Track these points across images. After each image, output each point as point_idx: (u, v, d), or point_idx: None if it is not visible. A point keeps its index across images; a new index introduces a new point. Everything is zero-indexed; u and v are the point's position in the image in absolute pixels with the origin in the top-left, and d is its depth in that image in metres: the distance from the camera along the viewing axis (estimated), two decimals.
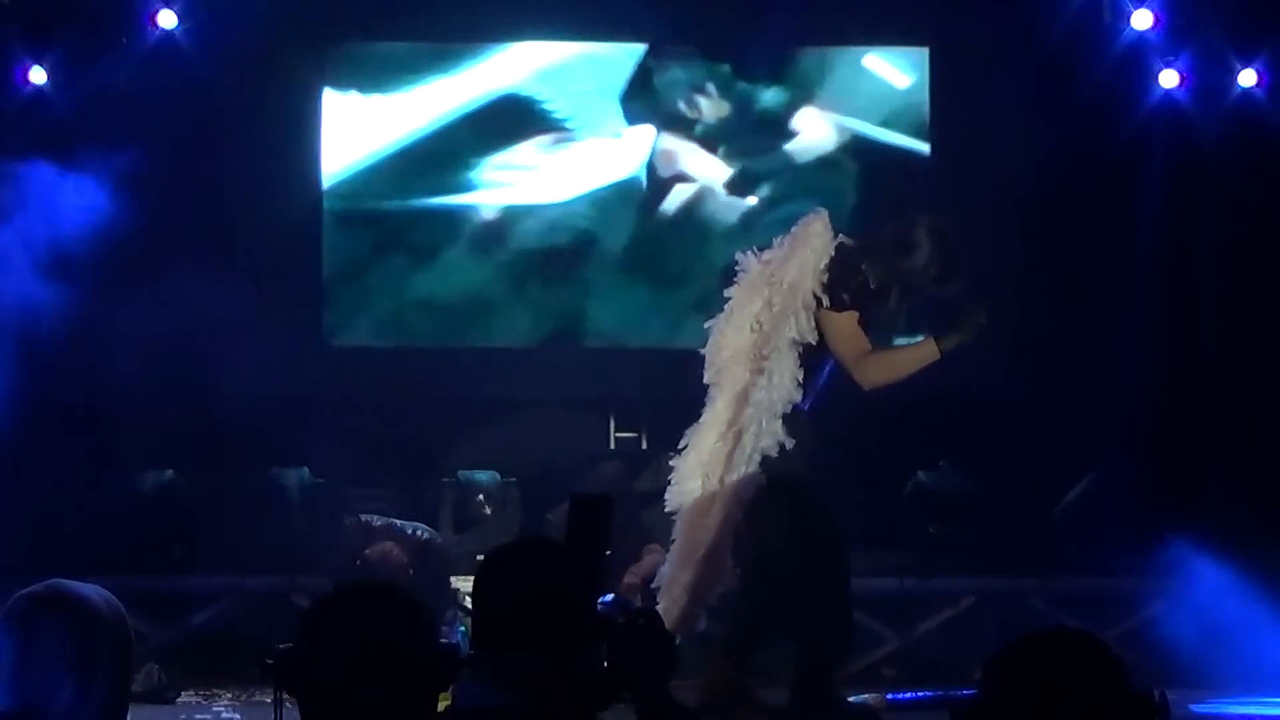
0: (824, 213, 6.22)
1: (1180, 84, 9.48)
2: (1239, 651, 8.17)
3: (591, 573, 2.96)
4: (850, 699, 7.16)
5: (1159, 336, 9.54)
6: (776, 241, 6.21)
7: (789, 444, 6.00)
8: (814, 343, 6.04)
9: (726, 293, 6.22)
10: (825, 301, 6.02)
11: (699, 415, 6.28)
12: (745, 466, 5.99)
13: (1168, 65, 9.45)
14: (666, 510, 6.22)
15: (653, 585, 6.29)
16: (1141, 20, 9.40)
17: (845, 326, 6.05)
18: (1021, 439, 9.07)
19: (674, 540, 6.20)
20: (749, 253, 6.24)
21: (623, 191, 9.91)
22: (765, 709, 6.36)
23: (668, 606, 6.05)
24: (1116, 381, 9.32)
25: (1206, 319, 9.61)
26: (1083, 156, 9.47)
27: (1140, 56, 9.48)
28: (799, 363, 6.01)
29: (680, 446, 6.19)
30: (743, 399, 6.04)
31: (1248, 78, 9.42)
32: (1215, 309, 9.57)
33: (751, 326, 6.07)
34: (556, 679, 2.80)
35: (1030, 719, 2.45)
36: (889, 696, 7.75)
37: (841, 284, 6.04)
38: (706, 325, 6.24)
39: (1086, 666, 2.47)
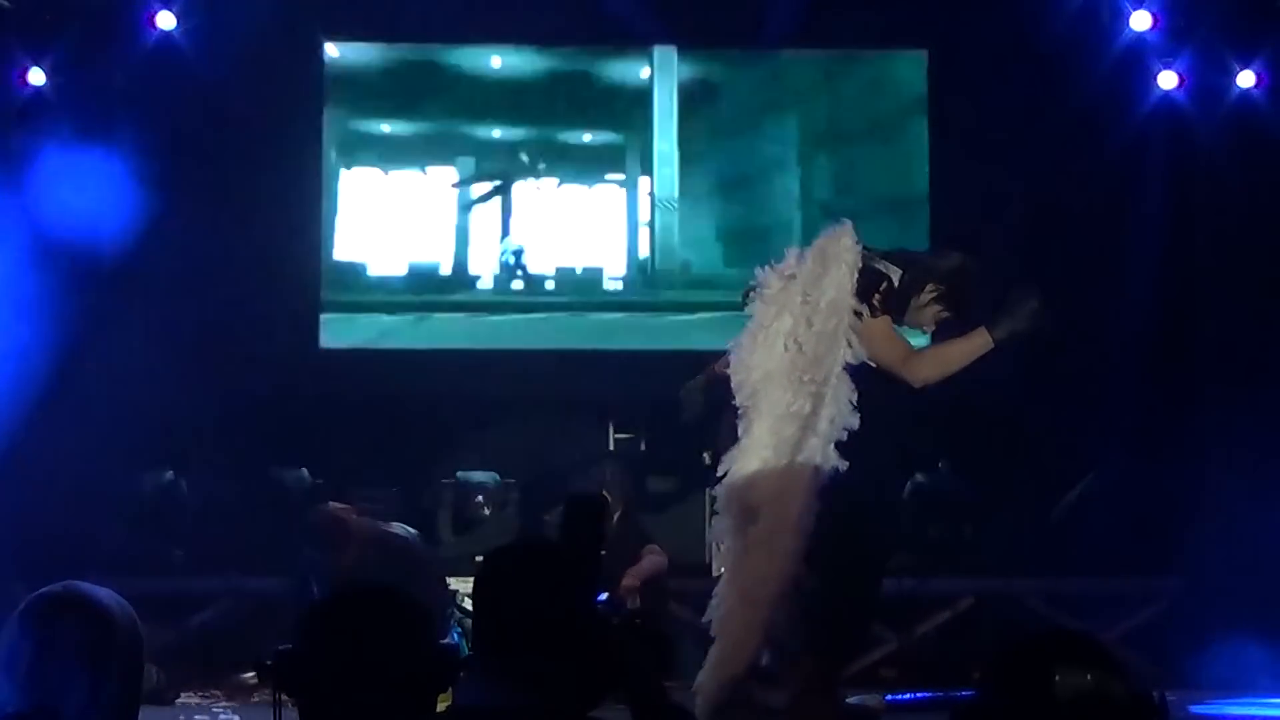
0: (849, 224, 5.99)
1: (1179, 85, 9.48)
2: (1238, 652, 8.18)
3: (586, 573, 2.96)
4: (850, 700, 7.15)
5: (1158, 337, 9.54)
6: (792, 254, 5.99)
7: (842, 467, 5.80)
8: (869, 363, 5.85)
9: (748, 310, 5.98)
10: (862, 313, 5.86)
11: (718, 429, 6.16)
12: (808, 496, 5.73)
13: (1166, 66, 9.45)
14: (711, 539, 6.00)
15: (705, 619, 5.98)
16: (1140, 21, 9.41)
17: (881, 330, 5.89)
18: (1020, 441, 9.07)
19: (724, 571, 5.93)
20: (767, 268, 5.97)
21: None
22: (765, 709, 6.35)
23: (735, 643, 5.82)
24: (1115, 383, 9.33)
25: (1205, 320, 9.61)
26: (1082, 157, 9.47)
27: (1139, 57, 9.48)
28: (851, 385, 5.83)
29: (720, 474, 5.91)
30: (790, 424, 5.79)
31: (1246, 79, 9.42)
32: (1214, 310, 9.57)
33: (786, 345, 5.83)
34: (556, 679, 2.80)
35: None
36: (888, 697, 7.75)
37: (870, 291, 5.88)
38: (729, 344, 5.98)
39: (1085, 667, 2.47)
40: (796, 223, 9.90)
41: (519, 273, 9.94)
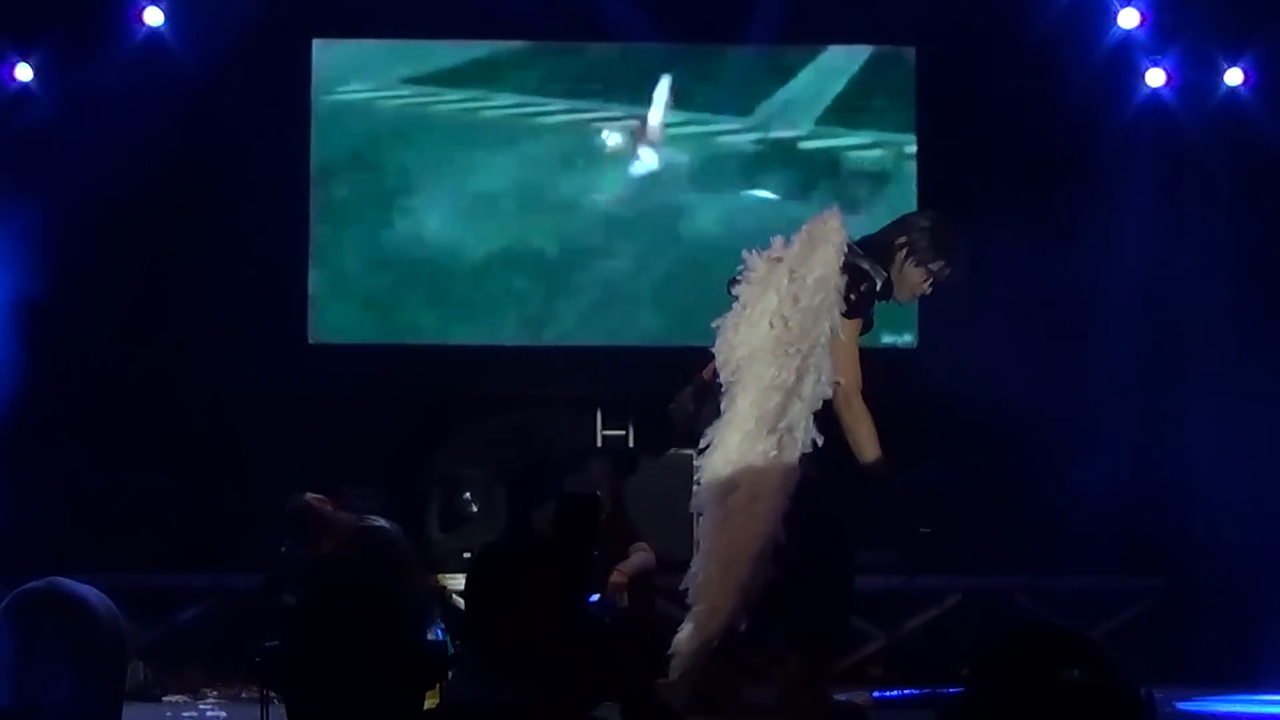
0: (837, 209, 6.18)
1: (1167, 83, 9.49)
2: (1224, 649, 8.20)
3: (579, 571, 2.96)
4: (838, 697, 7.16)
5: (1146, 335, 9.55)
6: (778, 240, 6.12)
7: (819, 440, 5.93)
8: (854, 315, 6.00)
9: (734, 290, 6.10)
10: (841, 305, 5.98)
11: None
12: (789, 463, 5.88)
13: (1154, 64, 9.46)
14: (692, 509, 6.06)
15: (682, 588, 6.05)
16: (1128, 19, 9.42)
17: (850, 335, 6.01)
18: (1009, 436, 9.07)
19: (702, 541, 6.02)
20: (754, 251, 6.11)
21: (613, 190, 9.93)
22: (754, 708, 6.36)
23: (711, 608, 5.90)
24: (1104, 378, 9.34)
25: (1194, 316, 9.62)
26: (1070, 155, 9.48)
27: (1127, 55, 9.49)
28: (831, 357, 5.96)
29: (702, 447, 6.02)
30: (774, 395, 5.90)
31: (1234, 76, 9.43)
32: (1202, 307, 9.58)
33: (772, 323, 5.95)
34: (545, 676, 2.80)
35: (1017, 717, 2.45)
36: (876, 694, 7.76)
37: (853, 287, 6.00)
38: (715, 324, 6.11)
39: (1072, 664, 2.47)
40: None
41: None
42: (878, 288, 6.06)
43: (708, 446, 5.99)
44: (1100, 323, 9.48)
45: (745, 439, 5.90)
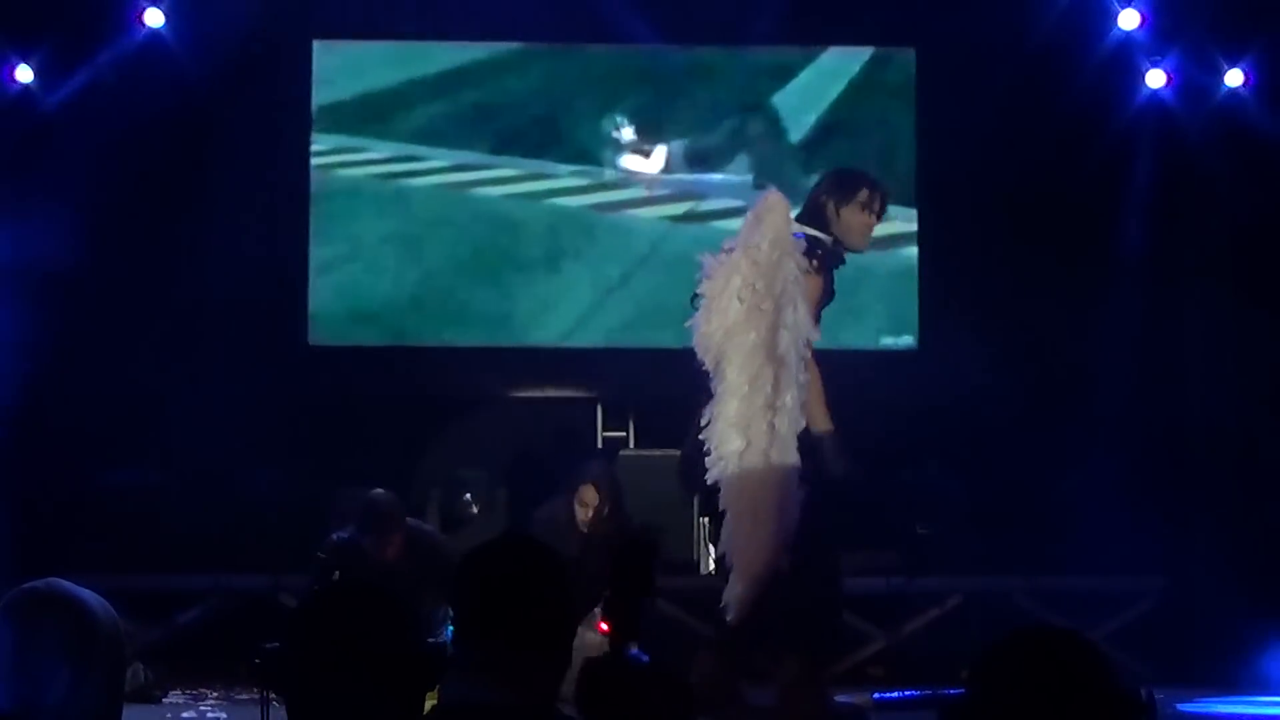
0: (774, 188, 6.46)
1: (1167, 84, 9.48)
2: (1225, 651, 8.20)
3: (633, 622, 2.95)
4: (839, 699, 7.17)
5: (1146, 336, 9.55)
6: (727, 241, 6.40)
7: (803, 379, 6.12)
8: (815, 275, 6.23)
9: (698, 290, 6.31)
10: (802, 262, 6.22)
11: (689, 411, 6.31)
12: (791, 413, 6.08)
13: (1154, 65, 9.45)
14: (708, 481, 6.19)
15: (720, 554, 6.23)
16: (1128, 20, 9.41)
17: (812, 293, 6.24)
18: (1008, 439, 9.08)
19: (727, 510, 6.15)
20: (706, 254, 6.38)
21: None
22: (755, 709, 6.37)
23: (749, 563, 6.07)
24: (1103, 381, 9.34)
25: (1193, 319, 9.62)
26: (1070, 156, 9.48)
27: (1127, 56, 9.48)
28: (806, 295, 6.16)
29: (703, 424, 6.20)
30: (756, 355, 6.10)
31: (1234, 78, 9.42)
32: (1202, 309, 9.58)
33: (740, 297, 6.16)
34: (540, 673, 2.80)
35: (1017, 718, 2.45)
36: (876, 695, 7.76)
37: (809, 254, 6.25)
38: (687, 325, 6.32)
39: (1073, 665, 2.47)
40: None
41: None
42: (830, 246, 6.33)
43: (709, 422, 6.16)
44: (1101, 322, 9.47)
45: (742, 402, 6.10)
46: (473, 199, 9.94)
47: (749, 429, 6.08)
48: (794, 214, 6.34)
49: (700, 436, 6.21)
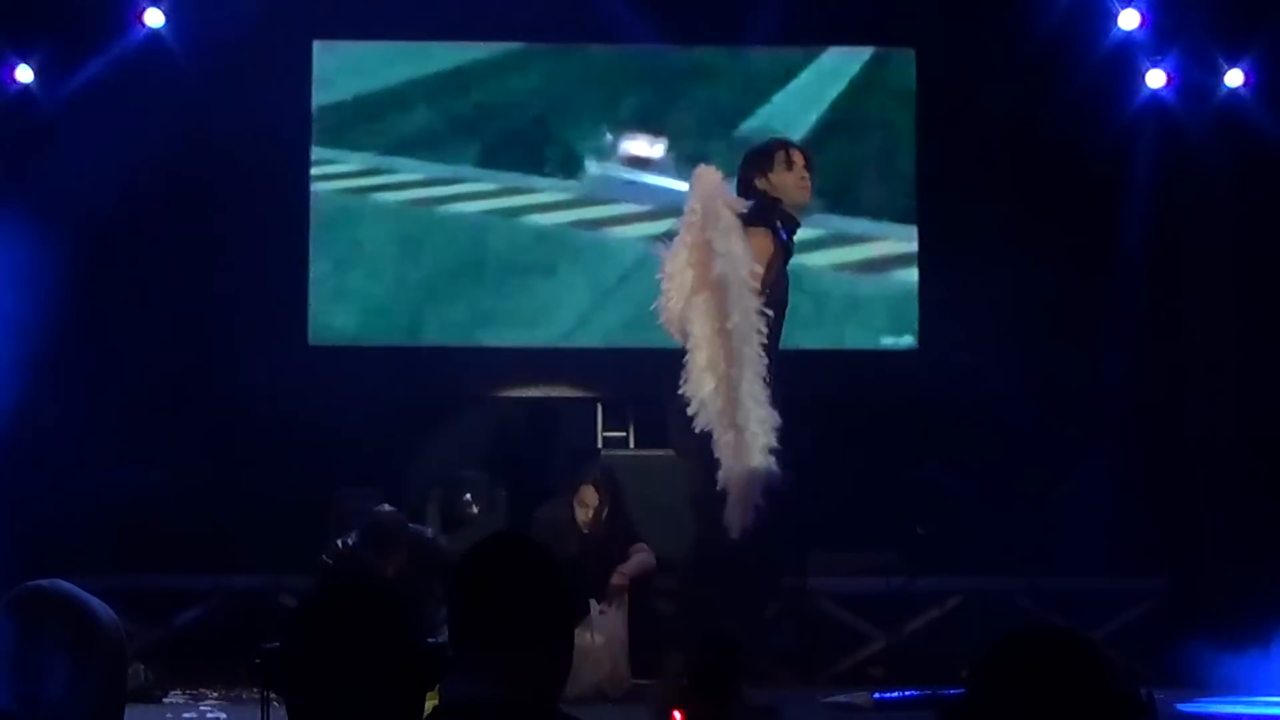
0: (702, 164, 6.77)
1: (1167, 84, 9.48)
2: (1225, 651, 8.19)
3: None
4: (838, 698, 7.18)
5: (1147, 335, 9.55)
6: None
7: (752, 304, 6.37)
8: (762, 232, 6.53)
9: (657, 277, 6.66)
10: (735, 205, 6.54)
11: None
12: (741, 330, 6.35)
13: (1155, 65, 9.45)
14: (696, 430, 6.44)
15: (694, 420, 6.46)
16: (1128, 20, 9.41)
17: (760, 247, 6.49)
18: (1009, 438, 9.07)
19: (714, 430, 6.42)
20: (660, 244, 6.75)
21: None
22: (753, 709, 6.36)
23: (744, 443, 6.36)
24: (1104, 380, 9.34)
25: (1195, 318, 9.61)
26: (1070, 156, 9.47)
27: (1127, 56, 9.48)
28: (743, 234, 6.45)
29: (684, 382, 6.51)
30: (702, 293, 6.45)
31: (1234, 78, 9.42)
32: (1203, 308, 9.58)
33: (689, 261, 6.51)
34: (540, 673, 2.80)
35: (1017, 718, 2.45)
36: (876, 695, 7.75)
37: (751, 217, 6.54)
38: (652, 308, 6.68)
39: (1073, 665, 2.47)
40: None
41: None
42: (764, 201, 6.62)
43: (686, 378, 6.47)
44: (1102, 322, 9.47)
45: (708, 344, 6.41)
46: (465, 212, 9.94)
47: (715, 368, 6.39)
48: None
49: (680, 390, 6.49)
